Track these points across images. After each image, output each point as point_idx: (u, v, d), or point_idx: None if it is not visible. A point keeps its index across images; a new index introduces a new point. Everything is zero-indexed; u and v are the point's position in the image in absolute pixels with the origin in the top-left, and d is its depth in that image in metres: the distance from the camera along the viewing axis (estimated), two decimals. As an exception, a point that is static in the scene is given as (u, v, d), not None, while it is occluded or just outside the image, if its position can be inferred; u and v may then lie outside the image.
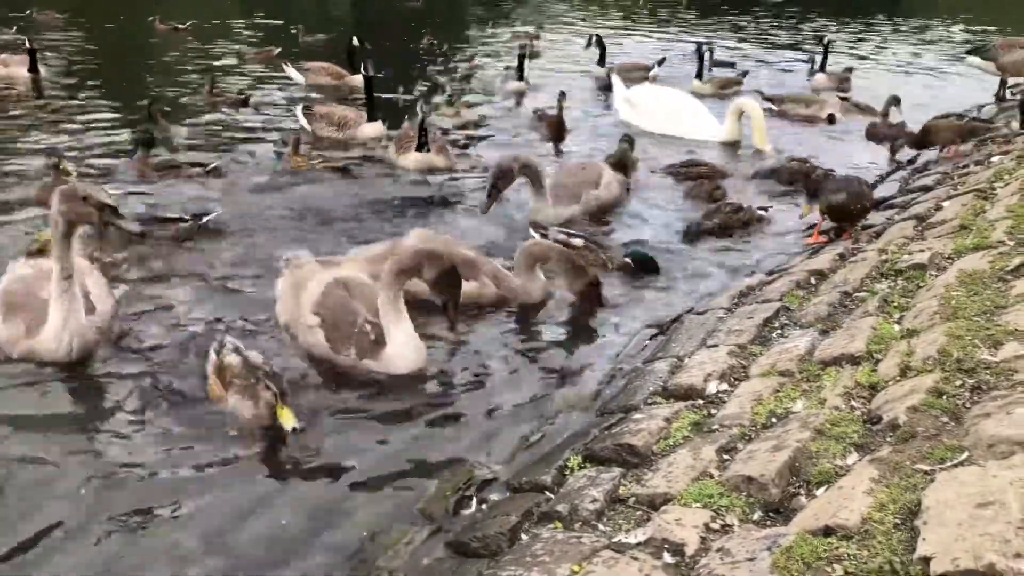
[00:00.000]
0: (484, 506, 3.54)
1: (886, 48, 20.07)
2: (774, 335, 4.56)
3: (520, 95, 13.49)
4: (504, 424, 4.25)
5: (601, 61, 15.73)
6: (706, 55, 14.96)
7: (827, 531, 2.59)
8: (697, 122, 10.45)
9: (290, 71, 14.01)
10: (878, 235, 6.05)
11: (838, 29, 23.78)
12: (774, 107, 12.14)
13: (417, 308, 4.77)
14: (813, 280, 5.35)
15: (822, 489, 2.93)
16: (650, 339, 5.08)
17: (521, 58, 13.93)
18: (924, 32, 24.02)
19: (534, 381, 4.71)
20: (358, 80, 13.70)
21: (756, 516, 2.91)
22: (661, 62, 15.84)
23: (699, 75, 14.40)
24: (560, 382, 4.69)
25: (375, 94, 10.36)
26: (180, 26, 20.15)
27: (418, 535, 3.40)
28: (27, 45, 13.48)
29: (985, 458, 2.68)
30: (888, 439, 3.07)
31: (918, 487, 2.63)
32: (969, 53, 12.76)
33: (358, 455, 3.94)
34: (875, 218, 6.57)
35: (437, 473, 3.83)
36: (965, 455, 2.74)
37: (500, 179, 6.79)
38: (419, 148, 8.96)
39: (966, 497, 2.43)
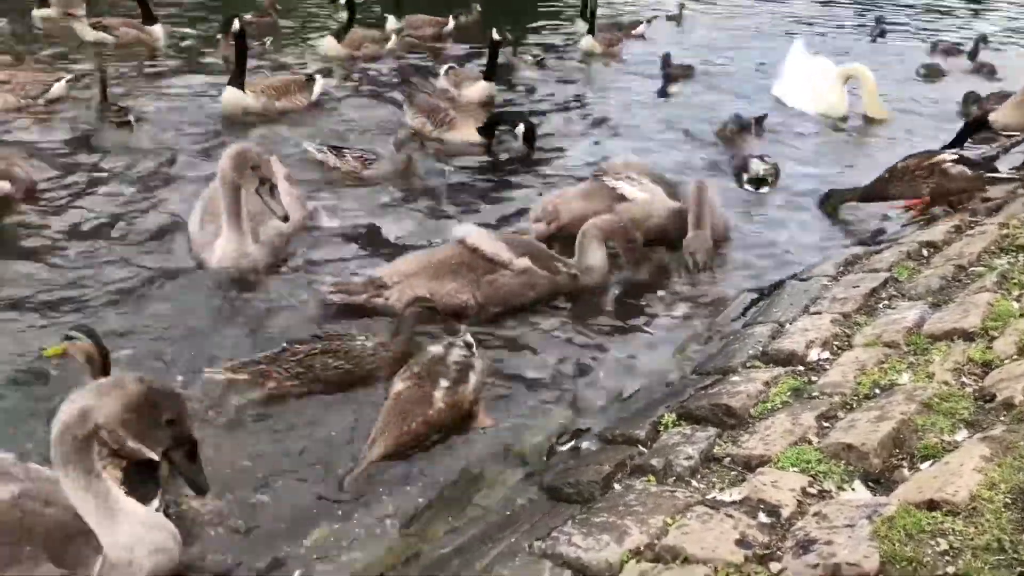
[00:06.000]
0: (577, 454, 3.61)
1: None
2: (880, 306, 4.43)
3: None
4: (598, 378, 4.29)
5: None
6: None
7: (932, 505, 2.56)
8: (814, 92, 9.47)
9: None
10: (998, 208, 5.76)
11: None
12: None
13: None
14: (925, 252, 5.15)
15: (927, 463, 2.88)
16: (750, 303, 5.01)
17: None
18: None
19: (629, 339, 4.73)
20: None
21: (855, 484, 2.89)
22: (650, 20, 13.93)
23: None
24: (655, 340, 4.69)
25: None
26: None
27: (512, 477, 3.51)
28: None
29: (1108, 444, 2.58)
30: (1002, 418, 2.98)
31: (1033, 468, 2.55)
32: None
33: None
34: (995, 191, 6.23)
35: (531, 420, 3.93)
36: (1086, 439, 2.64)
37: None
38: (233, 81, 7.98)
39: (1085, 481, 2.35)
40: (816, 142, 8.57)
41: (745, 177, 6.95)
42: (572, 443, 3.68)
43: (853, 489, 2.86)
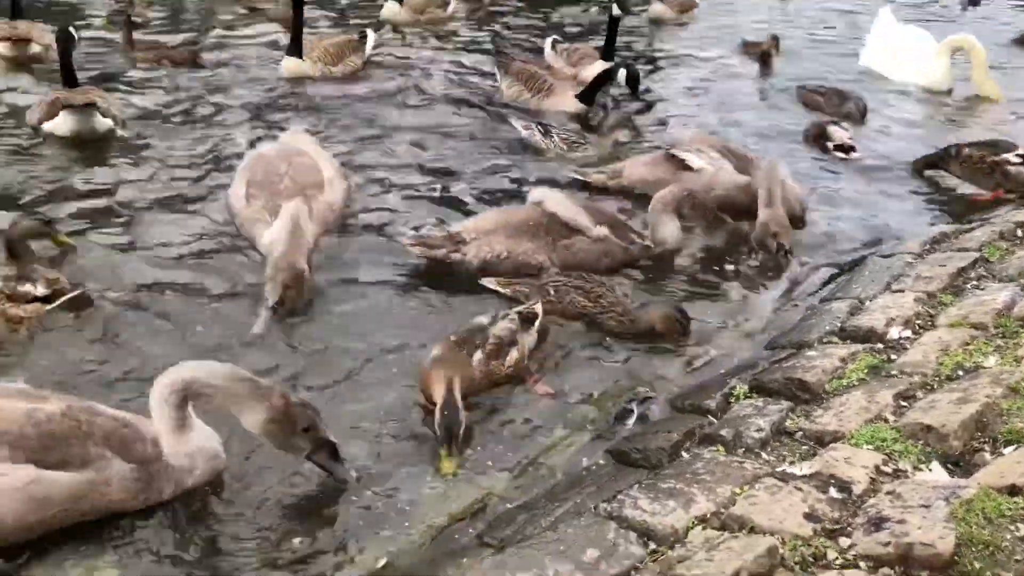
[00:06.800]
0: (645, 421, 3.62)
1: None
2: (968, 286, 4.28)
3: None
4: (669, 347, 4.25)
5: None
6: None
7: (1013, 490, 2.49)
8: (914, 63, 8.83)
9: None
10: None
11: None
12: None
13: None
14: (1020, 232, 4.94)
15: (1011, 448, 2.80)
16: (829, 278, 4.89)
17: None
18: None
19: (701, 308, 4.64)
20: None
21: (933, 466, 2.82)
22: None
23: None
24: (728, 312, 4.62)
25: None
26: None
27: (579, 439, 3.52)
28: None
29: None
30: (1094, 406, 2.86)
31: (1125, 458, 2.45)
32: None
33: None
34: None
35: (599, 385, 3.92)
36: None
37: None
38: (291, 51, 7.97)
39: None
40: (908, 115, 8.18)
41: (831, 145, 6.75)
42: (640, 410, 3.68)
43: (930, 470, 2.80)
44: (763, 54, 9.36)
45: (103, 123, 6.30)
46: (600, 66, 8.19)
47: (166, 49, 8.44)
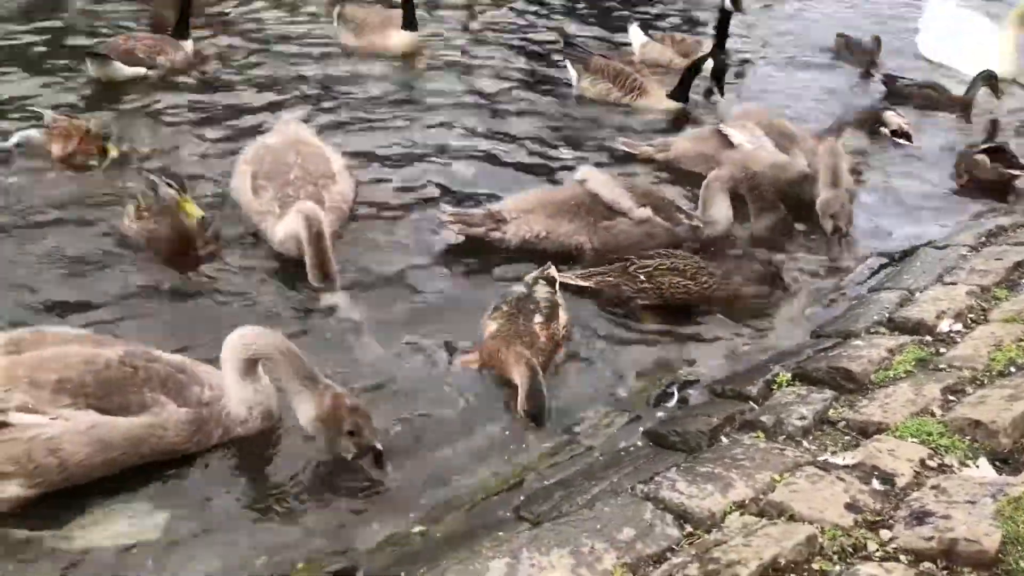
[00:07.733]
0: (685, 405, 3.60)
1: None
2: (1024, 281, 4.17)
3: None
4: (711, 331, 4.21)
5: None
6: None
7: (1064, 490, 2.43)
8: (978, 50, 8.23)
9: None
10: None
11: None
12: None
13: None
14: (1081, 228, 4.80)
15: (1063, 447, 2.73)
16: (878, 268, 4.79)
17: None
18: None
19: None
20: None
21: (980, 462, 2.77)
22: None
23: None
24: (774, 299, 4.55)
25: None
26: None
27: (617, 419, 3.52)
28: None
29: None
30: None
31: None
32: None
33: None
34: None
35: (640, 367, 3.90)
36: None
37: None
38: (406, 25, 7.47)
39: None
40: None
41: (887, 131, 6.58)
42: (680, 394, 3.66)
43: (977, 466, 2.74)
44: (870, 62, 8.55)
45: (124, 71, 6.62)
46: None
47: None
